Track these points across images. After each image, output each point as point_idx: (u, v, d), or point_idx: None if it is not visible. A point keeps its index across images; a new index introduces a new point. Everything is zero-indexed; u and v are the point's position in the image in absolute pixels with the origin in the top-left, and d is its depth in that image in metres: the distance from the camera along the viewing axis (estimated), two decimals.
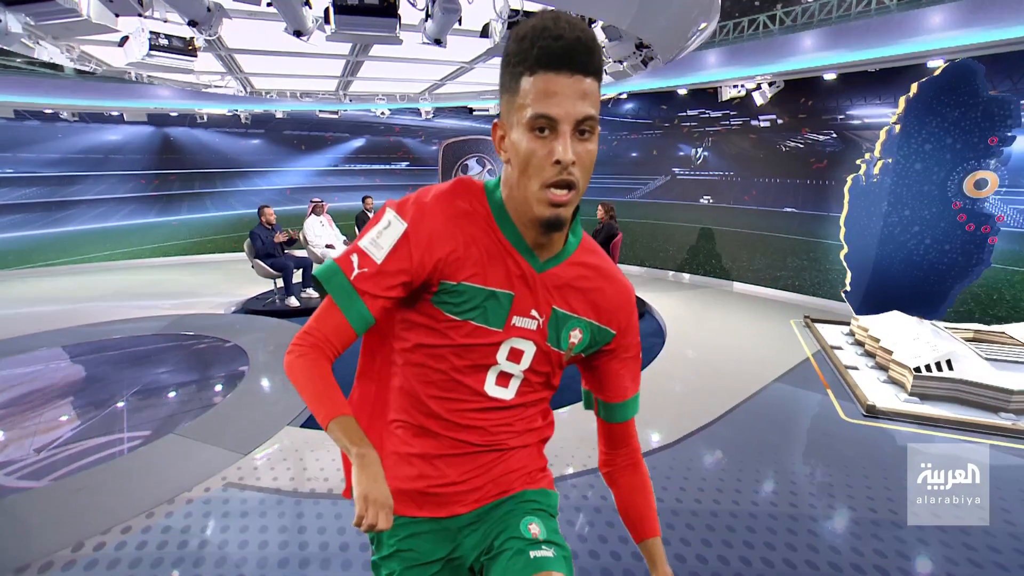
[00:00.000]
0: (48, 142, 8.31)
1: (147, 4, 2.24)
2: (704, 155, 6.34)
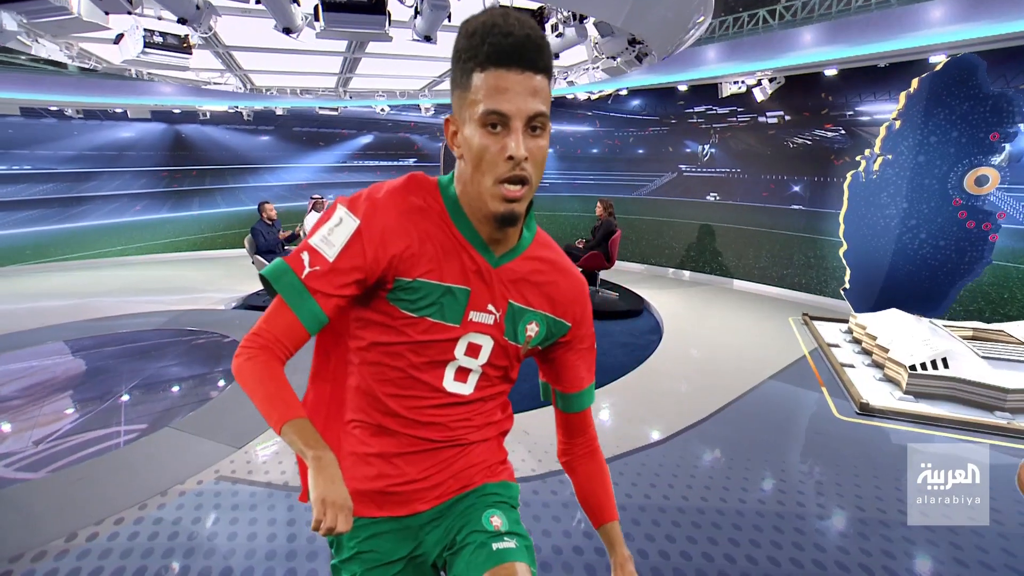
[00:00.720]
0: (64, 139, 8.41)
1: (136, 2, 2.27)
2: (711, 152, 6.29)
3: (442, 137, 9.34)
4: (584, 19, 2.94)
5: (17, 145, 7.85)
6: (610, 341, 4.85)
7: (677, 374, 4.13)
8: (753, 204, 6.54)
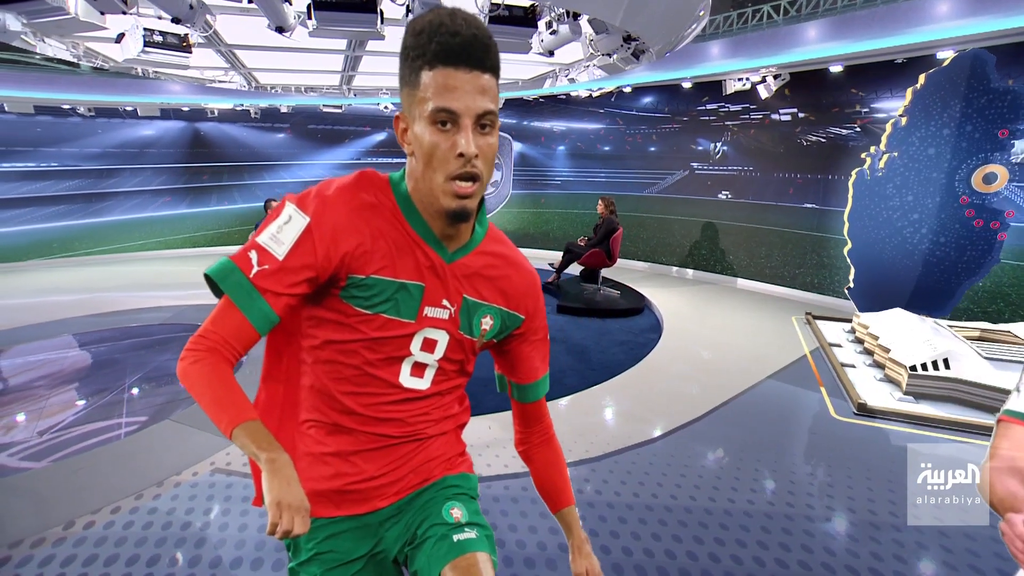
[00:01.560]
0: (88, 137, 8.65)
1: (131, 2, 2.31)
2: (723, 150, 6.21)
3: None
4: (578, 16, 2.94)
5: (45, 143, 8.09)
6: (609, 339, 4.84)
7: (674, 372, 4.11)
8: (765, 202, 6.44)
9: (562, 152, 8.58)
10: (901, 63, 4.79)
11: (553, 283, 6.39)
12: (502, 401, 3.45)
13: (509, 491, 2.52)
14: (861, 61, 4.76)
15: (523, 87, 6.20)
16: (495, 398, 3.60)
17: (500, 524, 2.27)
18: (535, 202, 9.00)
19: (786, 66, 5.14)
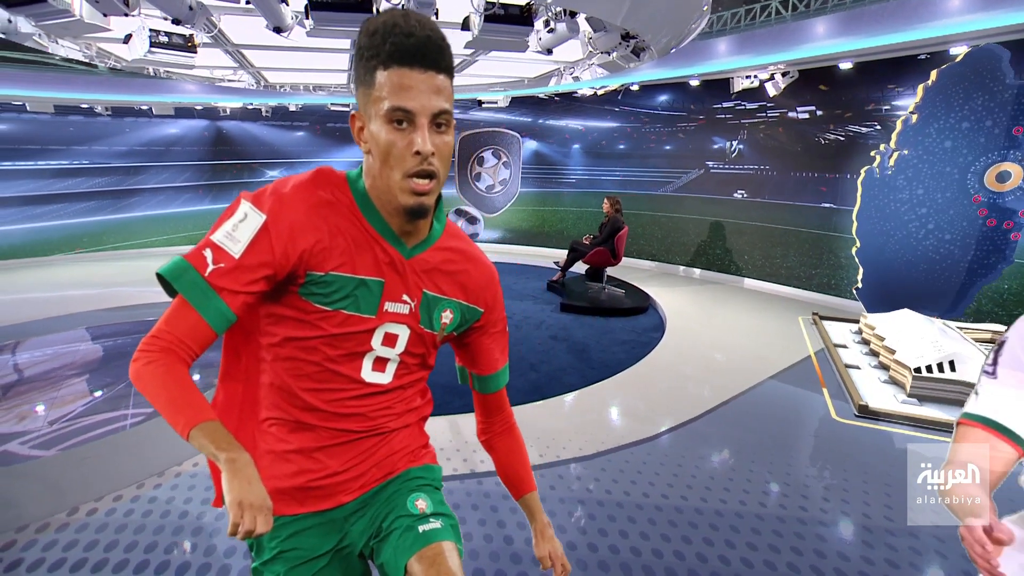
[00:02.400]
0: (116, 136, 8.98)
1: (132, 4, 2.38)
2: (739, 148, 6.13)
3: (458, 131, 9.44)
4: (575, 14, 2.93)
5: (77, 141, 8.39)
6: (611, 338, 4.83)
7: (675, 372, 4.09)
8: (781, 201, 6.31)
9: (578, 150, 8.53)
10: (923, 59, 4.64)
11: (558, 282, 6.39)
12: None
13: (501, 488, 2.54)
14: (871, 57, 4.67)
15: (529, 85, 6.21)
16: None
17: (490, 520, 2.29)
18: (550, 200, 8.97)
19: (795, 63, 5.06)
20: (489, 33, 2.79)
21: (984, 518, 0.63)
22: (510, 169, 9.43)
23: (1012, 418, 0.79)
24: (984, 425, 0.80)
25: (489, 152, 9.52)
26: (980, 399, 0.83)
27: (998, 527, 0.60)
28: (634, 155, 7.90)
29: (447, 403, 3.55)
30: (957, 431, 0.85)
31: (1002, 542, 0.59)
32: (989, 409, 0.81)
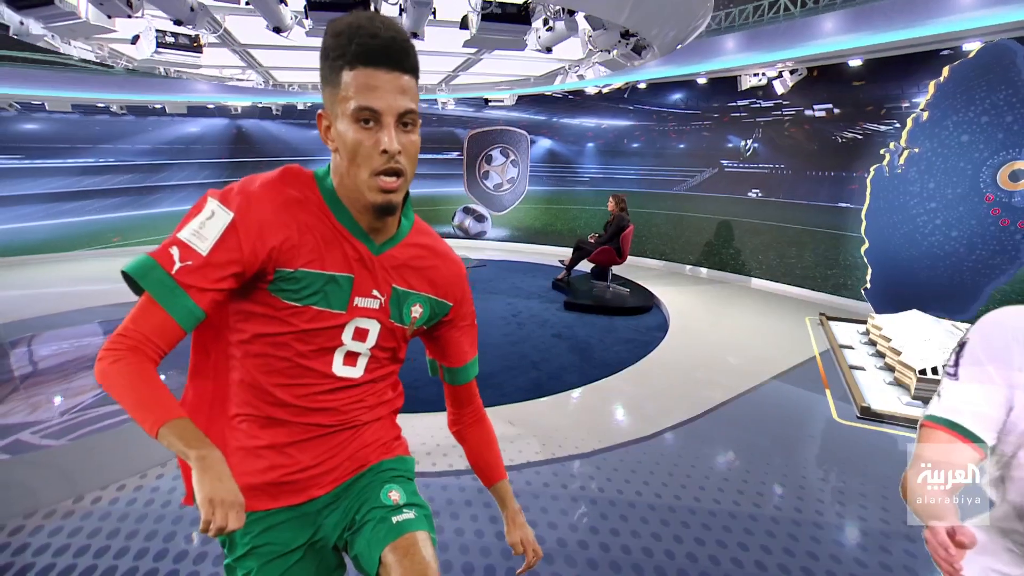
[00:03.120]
0: (139, 134, 9.31)
1: (136, 5, 2.44)
2: (754, 147, 6.04)
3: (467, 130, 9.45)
4: (573, 12, 2.93)
5: (103, 140, 8.68)
6: (614, 337, 4.82)
7: (675, 371, 4.07)
8: (796, 201, 6.15)
9: (592, 149, 8.47)
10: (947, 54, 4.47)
11: (563, 280, 6.39)
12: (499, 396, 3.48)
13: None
14: (882, 54, 4.59)
15: (535, 84, 6.21)
16: (492, 392, 3.63)
17: (482, 516, 2.31)
18: (564, 198, 8.94)
19: (803, 60, 4.99)
20: (487, 32, 2.81)
21: (948, 521, 0.63)
22: (518, 167, 9.43)
23: (973, 420, 0.78)
24: (946, 427, 0.79)
25: (497, 150, 9.54)
26: (942, 401, 0.82)
27: (961, 530, 0.59)
28: (648, 153, 7.82)
29: None
30: (920, 433, 0.84)
31: (964, 545, 0.59)
32: (951, 411, 0.80)
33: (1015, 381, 0.77)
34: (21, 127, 8.06)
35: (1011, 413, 0.78)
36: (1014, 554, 0.81)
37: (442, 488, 2.49)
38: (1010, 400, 0.77)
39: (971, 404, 0.78)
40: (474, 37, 2.91)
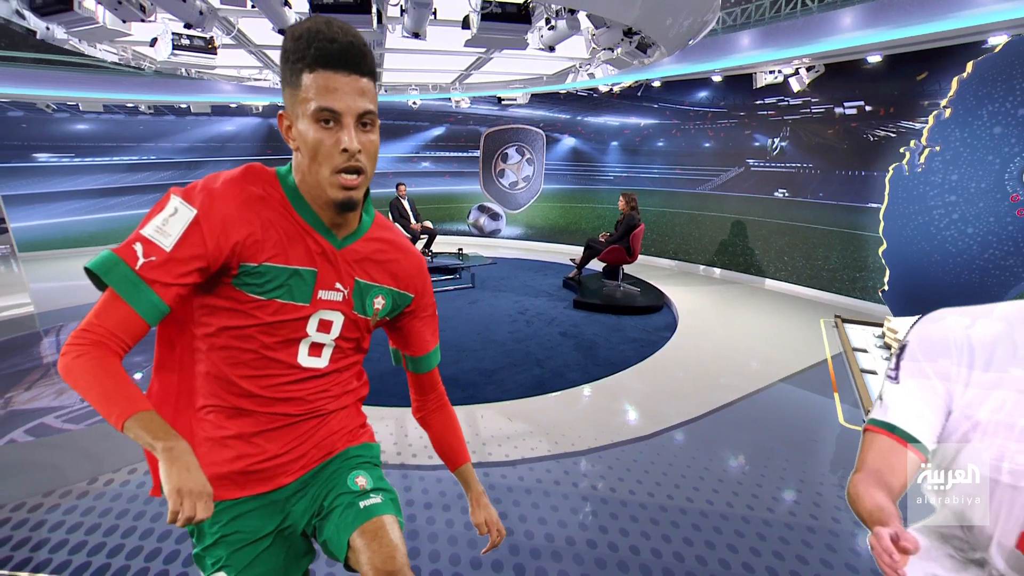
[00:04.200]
0: (179, 133, 9.85)
1: (149, 10, 2.55)
2: (781, 145, 5.90)
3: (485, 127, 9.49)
4: (575, 10, 2.93)
5: (146, 139, 9.17)
6: (620, 336, 4.80)
7: (680, 371, 4.04)
8: (824, 201, 5.87)
9: (616, 147, 8.35)
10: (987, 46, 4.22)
11: (573, 279, 6.38)
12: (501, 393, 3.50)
13: (506, 480, 2.59)
14: (901, 50, 4.45)
15: (547, 82, 6.21)
16: (493, 389, 3.66)
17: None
18: (587, 197, 8.86)
19: (820, 56, 4.87)
20: (487, 31, 2.83)
21: (891, 526, 0.63)
22: (533, 166, 9.44)
23: (915, 424, 0.77)
24: (888, 432, 0.79)
25: (513, 149, 9.56)
26: (884, 405, 0.82)
27: (904, 536, 0.59)
28: (673, 152, 7.60)
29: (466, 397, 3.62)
30: (864, 438, 0.83)
31: (908, 551, 0.58)
32: (893, 416, 0.79)
33: (953, 385, 0.76)
34: (72, 127, 8.59)
35: (950, 417, 0.77)
36: (955, 560, 0.80)
37: (437, 480, 2.54)
38: (949, 404, 0.76)
39: (912, 408, 0.78)
40: (475, 37, 2.94)
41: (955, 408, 0.76)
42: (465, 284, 6.48)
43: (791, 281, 6.21)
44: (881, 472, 0.76)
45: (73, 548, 2.08)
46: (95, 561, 2.01)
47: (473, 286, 6.44)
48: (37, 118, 8.35)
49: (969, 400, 0.74)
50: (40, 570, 1.97)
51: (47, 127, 8.44)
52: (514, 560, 2.04)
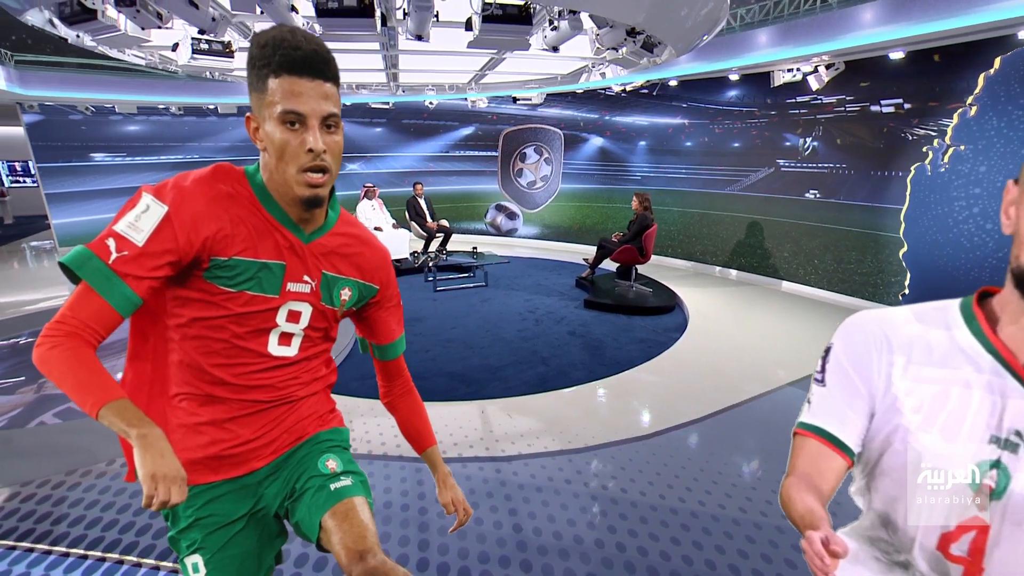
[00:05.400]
0: (221, 133, 10.42)
1: (166, 18, 2.69)
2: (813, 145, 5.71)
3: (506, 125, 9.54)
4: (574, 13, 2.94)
5: (190, 138, 9.69)
6: (629, 336, 4.78)
7: (685, 372, 4.00)
8: (856, 203, 5.56)
9: (643, 147, 8.17)
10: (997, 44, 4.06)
11: (587, 278, 6.38)
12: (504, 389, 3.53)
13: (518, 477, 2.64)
14: (925, 45, 4.29)
15: (562, 82, 6.21)
16: (497, 385, 3.70)
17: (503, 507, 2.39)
18: (599, 197, 8.78)
19: (840, 53, 4.74)
20: (489, 33, 2.88)
21: (822, 531, 0.63)
22: (551, 165, 9.44)
23: (840, 427, 0.77)
24: (817, 435, 0.78)
25: (531, 148, 9.58)
26: (812, 408, 0.81)
27: (834, 539, 0.60)
28: (700, 152, 7.37)
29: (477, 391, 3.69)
30: (794, 441, 0.82)
31: (838, 555, 0.59)
32: (820, 419, 0.79)
33: (875, 387, 0.75)
34: (125, 129, 9.20)
35: (873, 419, 0.76)
36: (881, 562, 0.79)
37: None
38: (872, 406, 0.76)
39: (837, 411, 0.77)
40: (477, 38, 2.99)
41: (877, 410, 0.75)
42: (479, 282, 6.54)
43: (817, 285, 6.00)
44: (811, 476, 0.76)
45: (89, 523, 2.22)
46: (108, 536, 2.14)
47: (486, 284, 6.50)
48: (95, 120, 8.96)
49: (890, 402, 0.74)
50: (58, 543, 2.12)
51: (103, 129, 9.07)
52: (521, 556, 2.08)
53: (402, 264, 7.15)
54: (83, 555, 2.05)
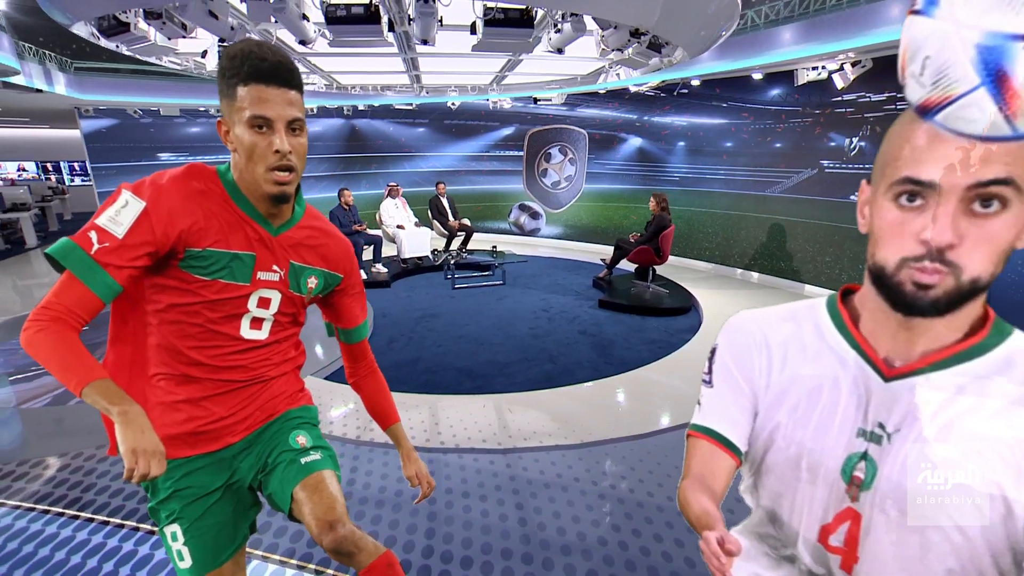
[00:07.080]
0: None
1: (190, 28, 2.88)
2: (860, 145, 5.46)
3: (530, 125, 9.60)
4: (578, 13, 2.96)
5: None
6: (640, 337, 4.76)
7: (691, 373, 3.96)
8: None
9: (682, 148, 7.88)
10: None
11: (603, 278, 6.37)
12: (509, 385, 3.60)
13: (528, 472, 2.71)
14: None
15: (582, 82, 6.21)
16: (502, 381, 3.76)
17: (509, 500, 2.47)
18: (623, 197, 8.65)
19: (867, 49, 4.58)
20: (492, 36, 2.95)
21: (717, 530, 0.63)
22: (576, 165, 9.43)
23: (728, 427, 0.78)
24: (707, 436, 0.79)
25: (556, 148, 9.60)
26: (702, 409, 0.82)
27: (728, 539, 0.60)
28: (741, 153, 7.06)
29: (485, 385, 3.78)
30: (688, 443, 0.83)
31: (732, 553, 0.59)
32: (709, 419, 0.79)
33: (756, 386, 0.77)
34: (186, 131, 9.89)
35: (756, 418, 0.77)
36: (770, 558, 0.81)
37: (460, 468, 2.69)
38: (755, 405, 0.77)
39: (725, 412, 0.78)
40: (481, 42, 3.07)
41: (760, 409, 0.77)
42: (496, 281, 6.63)
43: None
44: (705, 477, 0.76)
45: (113, 494, 2.43)
46: (128, 505, 2.34)
47: (504, 283, 6.58)
48: (160, 123, 9.62)
49: (770, 401, 0.75)
50: (85, 509, 2.32)
51: (168, 131, 9.74)
52: (523, 549, 2.15)
53: (423, 262, 7.31)
54: (105, 520, 2.24)
